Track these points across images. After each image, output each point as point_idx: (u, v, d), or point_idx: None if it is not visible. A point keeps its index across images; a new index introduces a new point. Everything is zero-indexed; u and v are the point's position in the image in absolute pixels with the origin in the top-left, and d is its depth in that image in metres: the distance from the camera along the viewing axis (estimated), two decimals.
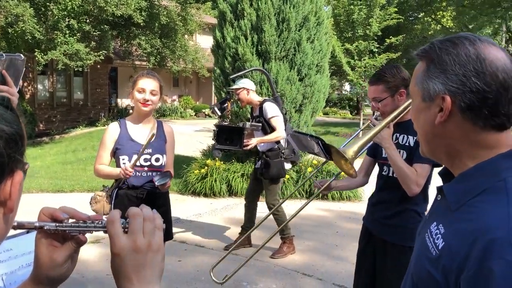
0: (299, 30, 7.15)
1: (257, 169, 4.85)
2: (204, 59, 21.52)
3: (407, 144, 2.42)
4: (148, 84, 2.96)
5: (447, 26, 32.04)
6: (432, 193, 1.68)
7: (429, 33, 32.96)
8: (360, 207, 6.78)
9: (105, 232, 0.79)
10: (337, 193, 7.09)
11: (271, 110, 4.58)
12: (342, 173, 2.67)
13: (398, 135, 2.44)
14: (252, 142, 4.51)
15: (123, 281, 0.75)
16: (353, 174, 2.26)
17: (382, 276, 2.53)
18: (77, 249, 0.83)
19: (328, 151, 2.37)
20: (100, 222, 0.81)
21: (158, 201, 3.05)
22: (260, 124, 4.60)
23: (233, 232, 5.49)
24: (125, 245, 0.75)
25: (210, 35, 26.00)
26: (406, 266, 2.45)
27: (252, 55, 7.01)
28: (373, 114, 2.59)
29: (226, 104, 4.76)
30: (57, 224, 0.79)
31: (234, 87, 4.78)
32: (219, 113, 4.64)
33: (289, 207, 6.80)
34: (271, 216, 5.46)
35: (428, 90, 1.02)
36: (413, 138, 2.40)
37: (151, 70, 3.10)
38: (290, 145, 4.83)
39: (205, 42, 24.58)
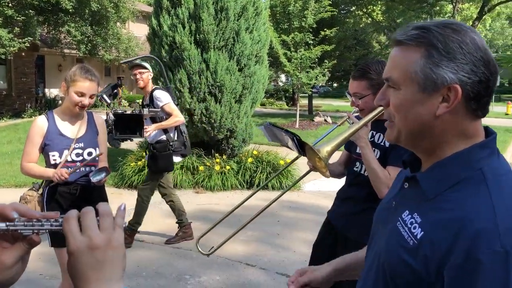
0: (237, 20, 7.09)
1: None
2: (138, 48, 20.90)
3: (382, 143, 2.34)
4: (88, 89, 2.78)
5: (377, 20, 33.33)
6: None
7: (360, 26, 34.13)
8: (299, 196, 6.90)
9: (62, 231, 0.72)
10: (277, 183, 7.15)
11: (164, 96, 4.55)
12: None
13: (374, 133, 2.37)
14: (151, 128, 4.38)
15: (80, 281, 0.70)
16: (325, 174, 2.16)
17: None
18: (29, 251, 0.77)
19: (302, 147, 2.26)
20: (56, 221, 0.73)
21: (94, 196, 2.89)
22: (159, 110, 4.49)
23: (174, 225, 5.38)
24: (80, 243, 0.70)
25: (144, 23, 25.24)
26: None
27: (190, 44, 6.86)
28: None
29: (117, 90, 4.55)
30: (7, 224, 0.72)
31: (146, 68, 4.63)
32: (108, 101, 4.35)
33: (230, 197, 6.78)
34: (207, 206, 5.39)
35: (434, 80, 0.94)
36: None
37: (89, 67, 2.88)
38: (180, 137, 4.73)
39: (138, 30, 23.85)
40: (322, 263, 2.57)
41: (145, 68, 4.64)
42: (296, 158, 2.70)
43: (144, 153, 7.27)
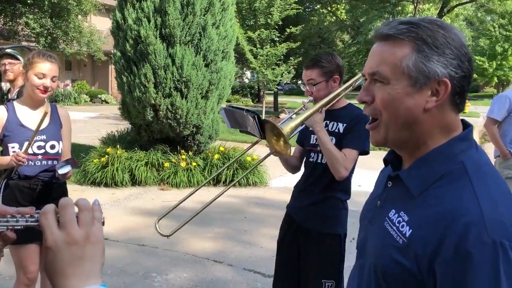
0: (204, 15, 7.01)
1: None
2: (100, 42, 20.44)
3: (336, 130, 2.45)
4: (49, 70, 2.67)
5: (341, 19, 33.80)
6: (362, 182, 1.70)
7: (325, 24, 34.53)
8: (266, 192, 6.92)
9: (38, 227, 0.69)
10: (244, 179, 7.14)
11: None
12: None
13: (328, 122, 2.46)
14: None
15: (57, 276, 0.67)
16: (287, 153, 2.24)
17: (306, 263, 2.53)
18: (2, 248, 0.75)
19: (263, 128, 2.31)
20: (31, 216, 0.70)
21: (55, 192, 2.78)
22: None
23: (139, 222, 5.29)
24: (58, 237, 0.67)
25: (107, 17, 24.73)
26: (329, 252, 2.53)
27: (156, 38, 6.74)
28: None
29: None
30: None
31: (17, 58, 4.28)
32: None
33: (196, 194, 6.71)
34: (173, 202, 5.33)
35: (426, 74, 0.95)
36: (342, 125, 2.44)
37: (49, 51, 2.79)
38: None
39: (101, 23, 23.30)
40: (288, 258, 2.62)
41: (16, 58, 4.28)
42: (256, 142, 2.76)
43: (118, 150, 7.12)
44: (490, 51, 34.99)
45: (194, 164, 7.17)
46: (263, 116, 16.41)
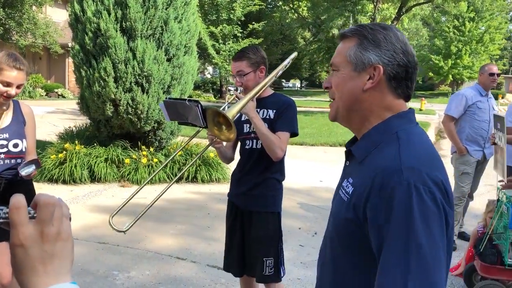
0: (166, 9, 6.90)
1: None
2: (57, 34, 19.77)
3: (267, 117, 2.65)
4: (15, 79, 2.54)
5: (303, 16, 34.09)
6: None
7: (287, 21, 34.76)
8: (229, 188, 6.90)
9: (4, 223, 0.66)
10: (206, 175, 7.10)
11: None
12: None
13: (258, 110, 2.62)
14: None
15: (27, 275, 0.66)
16: (233, 137, 2.38)
17: (249, 244, 2.73)
18: None
19: (206, 117, 2.43)
20: None
21: (20, 190, 2.67)
22: None
23: (99, 219, 5.16)
24: (31, 234, 0.66)
25: (63, 8, 23.93)
26: (270, 230, 2.76)
27: (116, 31, 6.58)
28: (237, 89, 2.80)
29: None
30: None
31: None
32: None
33: (158, 191, 6.62)
34: (134, 200, 5.25)
35: (362, 60, 1.20)
36: (272, 111, 2.65)
37: (17, 55, 2.61)
38: None
39: (57, 15, 22.55)
40: (236, 244, 2.75)
41: None
42: (197, 132, 2.86)
43: (76, 146, 6.91)
44: (445, 50, 36.24)
45: (155, 160, 7.06)
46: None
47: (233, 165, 3.01)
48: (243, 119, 2.66)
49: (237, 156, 2.88)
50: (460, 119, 4.78)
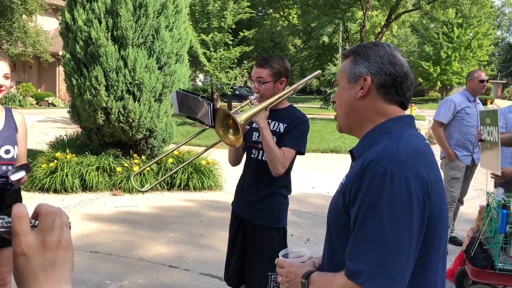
0: (157, 17, 6.93)
1: None
2: (47, 43, 19.70)
3: (277, 130, 2.57)
4: (0, 67, 2.56)
5: (293, 23, 34.29)
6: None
7: (277, 28, 34.93)
8: (221, 196, 6.91)
9: (6, 232, 0.67)
10: (198, 183, 7.09)
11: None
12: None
13: (270, 121, 2.55)
14: None
15: (29, 282, 0.66)
16: (238, 143, 2.30)
17: (251, 257, 2.66)
18: None
19: (215, 117, 2.36)
20: (0, 222, 0.68)
21: (8, 199, 2.66)
22: None
23: (91, 228, 5.14)
24: (33, 243, 0.67)
25: (54, 17, 23.86)
26: (273, 246, 2.70)
27: (107, 40, 6.59)
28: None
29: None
30: None
31: None
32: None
33: (150, 199, 6.62)
34: (126, 208, 5.25)
35: (354, 73, 1.36)
36: (283, 125, 2.56)
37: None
38: None
39: (47, 24, 22.48)
40: (238, 255, 2.70)
41: None
42: (202, 131, 2.80)
43: (68, 155, 6.87)
44: (435, 56, 36.59)
45: (147, 168, 7.04)
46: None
47: (227, 174, 3.00)
48: (253, 126, 2.56)
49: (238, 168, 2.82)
50: (449, 124, 4.84)
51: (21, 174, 2.55)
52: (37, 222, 0.68)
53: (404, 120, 1.35)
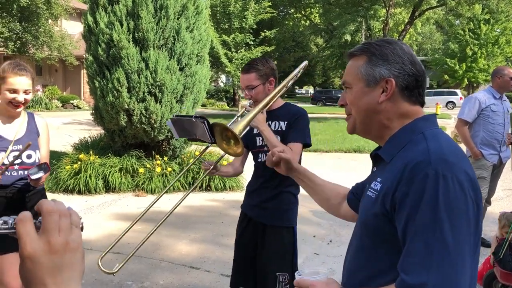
0: (178, 19, 6.96)
1: None
2: (72, 46, 20.08)
3: (279, 129, 2.60)
4: (21, 84, 2.58)
5: (315, 22, 34.08)
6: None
7: (300, 29, 34.77)
8: (243, 196, 6.88)
9: (11, 234, 0.66)
10: (220, 183, 7.09)
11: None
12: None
13: (270, 122, 2.58)
14: None
15: (36, 285, 0.65)
16: (241, 152, 2.31)
17: (261, 256, 2.66)
18: None
19: (213, 132, 2.39)
20: (5, 223, 0.67)
21: (32, 200, 2.71)
22: None
23: (113, 229, 5.18)
24: (38, 246, 0.65)
25: (78, 21, 24.32)
26: (283, 244, 2.69)
27: (129, 42, 6.65)
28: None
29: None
30: None
31: None
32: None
33: (172, 199, 6.64)
34: (153, 209, 5.29)
35: (374, 76, 1.27)
36: (284, 123, 2.59)
37: (20, 62, 2.69)
38: None
39: (72, 28, 22.92)
40: (246, 254, 2.69)
41: None
42: (206, 148, 2.84)
43: (91, 156, 6.96)
44: (460, 53, 35.84)
45: (169, 169, 7.08)
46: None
47: (247, 173, 3.01)
48: (255, 132, 2.59)
49: (250, 168, 2.84)
50: (474, 123, 4.70)
51: (40, 174, 2.59)
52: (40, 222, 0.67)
53: (432, 119, 1.29)
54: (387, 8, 27.33)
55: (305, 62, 2.84)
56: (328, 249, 4.73)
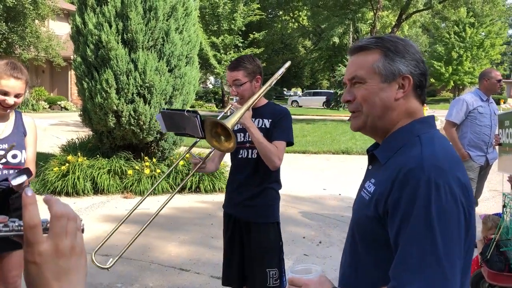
0: (167, 20, 6.94)
1: None
2: (59, 47, 19.89)
3: (263, 126, 2.63)
4: (14, 88, 2.53)
5: (303, 25, 34.20)
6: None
7: (288, 31, 34.86)
8: None
9: (12, 237, 0.66)
10: (209, 185, 7.08)
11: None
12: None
13: (254, 119, 2.60)
14: None
15: None
16: (233, 147, 2.34)
17: (251, 256, 2.68)
18: None
19: (204, 128, 2.42)
20: (5, 225, 0.66)
21: (16, 202, 2.66)
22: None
23: (102, 231, 5.14)
24: (46, 250, 0.64)
25: (65, 22, 24.08)
26: (271, 241, 2.74)
27: (118, 43, 6.61)
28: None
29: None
30: None
31: None
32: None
33: (161, 201, 6.60)
34: (137, 210, 5.27)
35: (392, 71, 1.23)
36: (268, 121, 2.63)
37: (17, 63, 2.62)
38: None
39: (59, 29, 22.71)
40: (237, 258, 2.68)
41: None
42: (195, 143, 2.85)
43: (79, 158, 6.90)
44: (446, 56, 36.26)
45: (158, 171, 7.05)
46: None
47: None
48: (236, 128, 2.61)
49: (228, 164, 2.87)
50: (462, 124, 4.76)
51: (22, 178, 2.51)
52: (48, 224, 0.66)
53: (429, 121, 1.28)
54: (374, 11, 27.55)
55: (288, 63, 2.87)
56: (317, 250, 4.75)
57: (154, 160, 7.27)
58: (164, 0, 6.86)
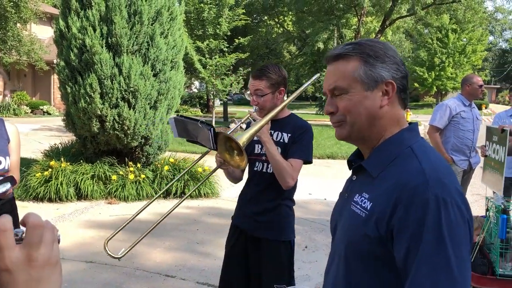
0: (152, 24, 6.90)
1: None
2: (42, 51, 19.64)
3: (281, 140, 2.47)
4: None
5: (288, 30, 34.39)
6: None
7: (273, 36, 35.00)
8: (218, 203, 6.86)
9: None
10: (196, 191, 7.03)
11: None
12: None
13: (272, 132, 2.46)
14: None
15: None
16: (244, 166, 2.22)
17: (257, 271, 2.52)
18: None
19: (217, 141, 2.28)
20: None
21: (1, 209, 2.61)
22: None
23: (86, 237, 5.07)
24: (18, 258, 0.62)
25: (48, 26, 23.80)
26: (282, 259, 2.54)
27: (102, 47, 6.55)
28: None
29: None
30: None
31: None
32: None
33: (149, 207, 6.54)
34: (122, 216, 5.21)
35: (374, 78, 1.18)
36: (287, 135, 2.46)
37: None
38: None
39: (42, 32, 22.44)
40: (238, 269, 2.59)
41: None
42: (206, 153, 2.74)
43: (62, 163, 6.80)
44: (429, 62, 36.76)
45: (143, 176, 6.99)
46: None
47: (223, 180, 2.95)
48: (255, 138, 2.43)
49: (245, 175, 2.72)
50: (445, 129, 4.82)
51: (6, 186, 2.46)
52: (24, 234, 0.64)
53: (416, 129, 1.24)
54: (359, 17, 27.83)
55: (317, 75, 2.73)
56: (303, 255, 4.75)
57: (138, 165, 7.20)
58: (149, 4, 6.82)
